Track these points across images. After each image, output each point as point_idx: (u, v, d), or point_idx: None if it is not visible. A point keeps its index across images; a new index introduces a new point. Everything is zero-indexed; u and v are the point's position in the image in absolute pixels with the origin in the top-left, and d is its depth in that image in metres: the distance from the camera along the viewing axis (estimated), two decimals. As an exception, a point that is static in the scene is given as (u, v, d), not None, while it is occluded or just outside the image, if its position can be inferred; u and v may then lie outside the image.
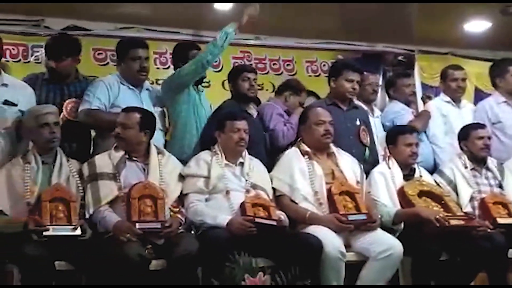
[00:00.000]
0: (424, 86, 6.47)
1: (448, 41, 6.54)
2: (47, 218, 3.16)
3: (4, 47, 5.27)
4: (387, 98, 5.14)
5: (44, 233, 3.09)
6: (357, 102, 4.32)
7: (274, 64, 6.31)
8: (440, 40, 6.47)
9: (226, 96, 4.76)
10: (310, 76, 6.26)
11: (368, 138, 4.14)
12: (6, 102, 3.56)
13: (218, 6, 5.59)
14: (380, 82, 5.70)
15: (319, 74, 6.43)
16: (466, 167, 4.07)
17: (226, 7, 5.58)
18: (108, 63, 5.68)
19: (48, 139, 3.41)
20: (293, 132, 4.05)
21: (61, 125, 3.53)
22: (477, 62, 6.53)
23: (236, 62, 6.17)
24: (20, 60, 5.38)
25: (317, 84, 5.92)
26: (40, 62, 5.14)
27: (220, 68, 5.96)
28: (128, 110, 3.58)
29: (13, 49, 5.38)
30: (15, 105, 3.60)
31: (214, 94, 5.21)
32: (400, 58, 6.63)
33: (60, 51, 3.87)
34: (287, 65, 6.35)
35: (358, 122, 4.13)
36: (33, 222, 3.10)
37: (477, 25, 6.15)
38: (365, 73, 4.51)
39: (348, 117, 4.13)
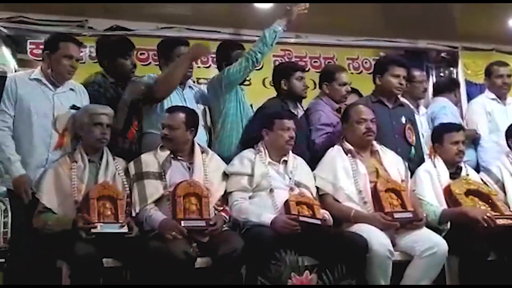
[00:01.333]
0: (468, 83, 6.35)
1: (492, 37, 6.39)
2: (95, 215, 3.20)
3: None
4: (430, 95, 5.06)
5: (92, 231, 3.14)
6: (402, 99, 4.25)
7: (315, 61, 6.28)
8: (484, 36, 6.33)
9: (266, 94, 4.74)
10: (352, 73, 6.18)
11: (414, 137, 4.07)
12: (73, 107, 3.63)
13: (259, 4, 5.59)
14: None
15: (361, 71, 6.38)
16: (514, 165, 3.98)
17: (267, 5, 5.58)
18: (150, 62, 5.74)
19: (98, 138, 3.45)
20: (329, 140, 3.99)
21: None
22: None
23: (277, 60, 6.15)
24: (43, 58, 5.46)
25: (359, 81, 5.84)
26: (84, 62, 5.19)
27: (261, 66, 5.95)
28: (172, 110, 3.60)
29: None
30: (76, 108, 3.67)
31: (254, 93, 5.19)
32: (443, 55, 6.52)
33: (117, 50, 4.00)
34: (328, 62, 6.30)
35: (403, 120, 4.06)
36: (81, 220, 3.16)
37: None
38: (413, 70, 4.43)
39: (393, 115, 4.06)
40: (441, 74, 6.34)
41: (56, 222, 3.23)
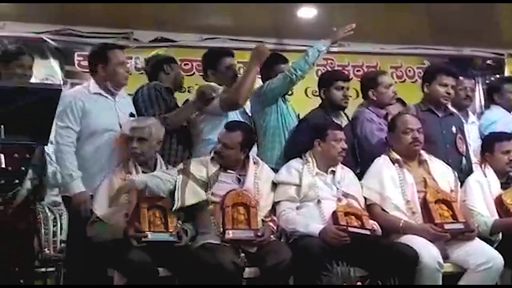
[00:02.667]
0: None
1: (539, 44, 6.29)
2: (145, 224, 3.24)
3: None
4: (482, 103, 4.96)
5: (143, 239, 3.18)
6: (452, 108, 4.19)
7: (357, 70, 6.26)
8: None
9: (308, 103, 4.74)
10: (395, 82, 6.11)
11: (464, 147, 4.02)
12: (131, 114, 3.71)
13: (302, 14, 5.61)
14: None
15: (404, 80, 6.35)
16: None
17: (310, 14, 5.59)
18: (194, 73, 5.80)
19: (131, 152, 3.51)
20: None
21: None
22: None
23: (319, 69, 6.15)
24: (93, 72, 5.55)
25: (402, 90, 5.73)
26: (130, 73, 5.27)
27: (302, 76, 5.95)
28: (231, 128, 3.58)
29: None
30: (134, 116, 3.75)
31: (296, 102, 5.16)
32: (489, 62, 6.43)
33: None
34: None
35: (454, 130, 4.01)
36: (132, 228, 3.20)
37: None
38: (462, 78, 4.36)
39: (444, 125, 4.01)
40: (487, 82, 6.22)
41: (108, 231, 3.27)
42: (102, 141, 3.56)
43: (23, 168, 3.28)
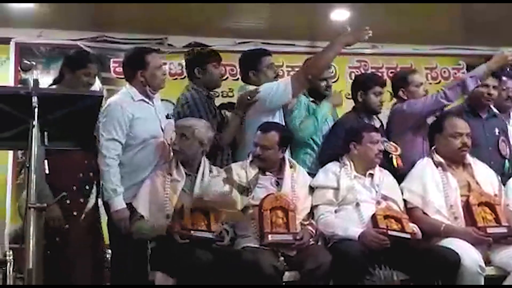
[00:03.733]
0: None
1: None
2: (189, 225, 3.26)
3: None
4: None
5: (187, 235, 3.21)
6: (495, 109, 4.12)
7: (391, 72, 6.17)
8: None
9: (342, 107, 4.68)
10: (430, 83, 6.05)
11: (508, 149, 3.95)
12: (168, 116, 3.76)
13: (334, 16, 5.59)
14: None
15: (440, 81, 6.27)
16: None
17: (343, 16, 5.57)
18: (227, 77, 5.81)
19: (171, 148, 3.56)
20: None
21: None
22: None
23: (352, 72, 6.15)
24: (131, 78, 5.60)
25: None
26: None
27: (336, 78, 5.93)
28: (266, 129, 3.58)
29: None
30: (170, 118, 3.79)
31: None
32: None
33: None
34: (405, 72, 6.21)
35: (497, 132, 3.96)
36: (177, 225, 3.24)
37: None
38: (505, 79, 4.29)
39: (487, 127, 3.97)
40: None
41: (151, 229, 3.32)
42: (149, 148, 3.58)
43: (91, 174, 3.44)
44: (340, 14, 5.56)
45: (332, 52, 3.81)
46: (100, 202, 3.58)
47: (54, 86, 3.55)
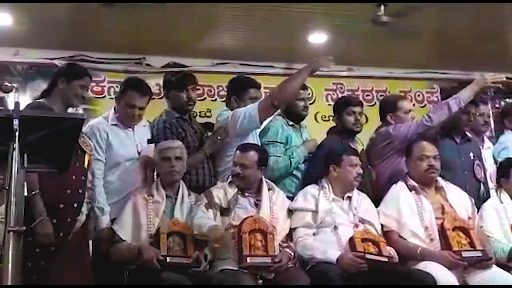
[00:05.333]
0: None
1: (550, 68, 6.30)
2: (164, 251, 3.26)
3: (108, 85, 5.67)
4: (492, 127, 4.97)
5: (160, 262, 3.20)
6: (469, 134, 4.20)
7: (367, 95, 6.27)
8: (542, 65, 6.26)
9: (318, 128, 4.73)
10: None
11: (482, 173, 4.03)
12: (149, 141, 3.80)
13: (312, 39, 5.65)
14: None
15: (414, 104, 6.30)
16: None
17: (321, 39, 5.63)
18: (205, 98, 5.83)
19: (167, 172, 3.55)
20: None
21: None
22: None
23: (329, 94, 6.20)
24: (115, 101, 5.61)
25: (411, 114, 5.82)
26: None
27: (312, 100, 5.98)
28: (245, 149, 3.64)
29: (117, 86, 5.57)
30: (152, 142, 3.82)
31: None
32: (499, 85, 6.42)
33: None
34: (380, 95, 6.26)
35: (472, 156, 4.03)
36: (153, 253, 3.23)
37: None
38: (478, 104, 4.39)
39: (462, 151, 4.04)
40: (497, 106, 6.24)
41: (126, 249, 3.33)
42: (124, 170, 3.65)
43: (80, 191, 3.30)
44: (317, 37, 5.62)
45: (298, 79, 3.86)
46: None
47: (41, 100, 3.48)
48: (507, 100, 6.38)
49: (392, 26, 5.07)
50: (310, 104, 5.72)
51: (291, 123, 4.08)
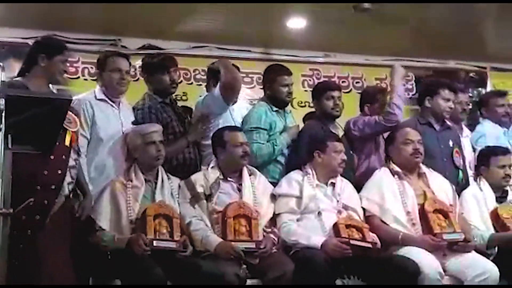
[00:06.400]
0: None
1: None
2: (151, 233, 3.22)
3: (82, 65, 5.55)
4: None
5: (149, 248, 3.14)
6: (448, 122, 4.24)
7: (343, 81, 6.27)
8: (513, 57, 6.37)
9: (295, 114, 4.71)
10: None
11: (461, 160, 4.07)
12: (134, 122, 3.72)
13: (290, 24, 5.62)
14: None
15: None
16: (559, 189, 3.97)
17: (300, 24, 5.61)
18: (181, 81, 5.72)
19: (155, 156, 3.48)
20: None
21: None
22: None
23: (305, 80, 6.19)
24: (97, 78, 5.48)
25: (385, 101, 5.85)
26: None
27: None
28: (237, 129, 3.70)
29: (91, 68, 5.49)
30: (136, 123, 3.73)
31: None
32: (472, 75, 6.54)
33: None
34: (356, 82, 6.33)
35: (451, 144, 4.06)
36: (140, 238, 3.16)
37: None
38: (459, 93, 4.44)
39: (441, 138, 4.06)
40: (470, 95, 6.32)
41: (111, 241, 3.25)
42: (107, 149, 3.56)
43: (59, 172, 3.11)
44: (296, 22, 5.59)
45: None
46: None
47: (18, 78, 3.32)
48: (479, 89, 6.45)
49: (372, 13, 5.09)
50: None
51: (275, 108, 4.05)
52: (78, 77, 5.52)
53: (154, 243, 3.16)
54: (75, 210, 3.28)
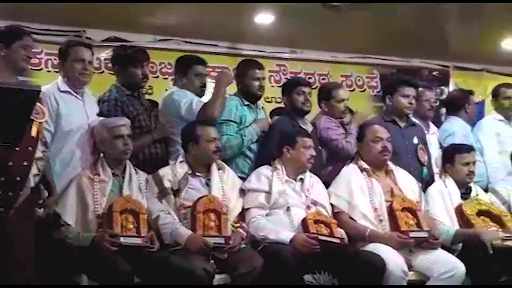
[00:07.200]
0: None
1: (483, 58, 6.56)
2: (117, 228, 3.17)
3: (46, 57, 5.43)
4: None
5: (116, 244, 3.10)
6: (413, 119, 4.29)
7: (309, 78, 6.24)
8: (475, 56, 6.50)
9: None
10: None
11: (426, 157, 4.12)
12: (99, 115, 3.65)
13: (258, 19, 5.61)
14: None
15: (354, 89, 6.44)
16: (520, 188, 4.07)
17: (267, 20, 5.60)
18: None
19: (122, 150, 3.42)
20: (351, 146, 4.03)
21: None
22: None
23: (272, 75, 6.19)
24: (59, 69, 5.37)
25: (352, 99, 5.86)
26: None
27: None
28: (207, 123, 3.65)
29: (54, 59, 5.36)
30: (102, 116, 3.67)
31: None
32: (435, 73, 6.65)
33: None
34: (322, 79, 6.35)
35: (416, 140, 4.12)
36: (106, 234, 3.12)
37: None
38: (420, 88, 4.50)
39: (406, 135, 4.12)
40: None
41: (76, 238, 3.18)
42: (73, 142, 3.47)
43: (25, 163, 2.99)
44: (264, 18, 5.58)
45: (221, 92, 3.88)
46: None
47: None
48: (442, 87, 6.56)
49: (339, 10, 5.11)
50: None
51: (246, 102, 4.04)
52: (41, 69, 5.39)
53: (121, 239, 3.11)
54: (40, 204, 3.18)
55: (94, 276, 3.10)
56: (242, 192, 3.61)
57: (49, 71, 5.39)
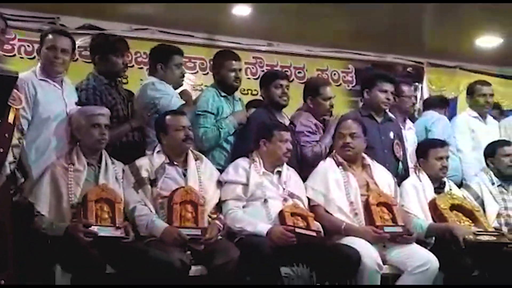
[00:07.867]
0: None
1: (457, 55, 6.64)
2: (92, 218, 3.14)
3: (19, 43, 5.33)
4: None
5: (91, 235, 3.06)
6: (390, 114, 4.32)
7: (285, 71, 6.22)
8: (449, 53, 6.57)
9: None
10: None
11: (401, 152, 4.16)
12: (77, 104, 3.60)
13: (236, 11, 5.59)
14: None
15: (330, 83, 6.44)
16: (493, 183, 4.15)
17: (245, 12, 5.58)
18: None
19: (98, 139, 3.38)
20: (319, 153, 4.02)
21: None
22: (486, 78, 6.59)
23: (248, 68, 6.16)
24: (35, 57, 5.27)
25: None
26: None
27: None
28: (180, 112, 3.62)
29: (28, 46, 5.30)
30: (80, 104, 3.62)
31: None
32: (409, 69, 6.71)
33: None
34: (298, 72, 6.37)
35: (392, 136, 4.15)
36: (80, 224, 3.08)
37: (489, 41, 6.22)
38: (404, 86, 4.54)
39: (382, 130, 4.14)
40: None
41: (50, 227, 3.14)
42: (50, 130, 3.43)
43: (1, 150, 2.92)
44: (241, 10, 5.56)
45: None
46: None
47: None
48: (416, 84, 6.61)
49: (316, 4, 5.12)
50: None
51: (223, 94, 4.02)
52: (14, 55, 5.29)
53: (95, 229, 3.08)
54: (15, 189, 3.14)
55: (67, 266, 3.05)
56: (220, 183, 3.60)
57: (22, 58, 5.30)
